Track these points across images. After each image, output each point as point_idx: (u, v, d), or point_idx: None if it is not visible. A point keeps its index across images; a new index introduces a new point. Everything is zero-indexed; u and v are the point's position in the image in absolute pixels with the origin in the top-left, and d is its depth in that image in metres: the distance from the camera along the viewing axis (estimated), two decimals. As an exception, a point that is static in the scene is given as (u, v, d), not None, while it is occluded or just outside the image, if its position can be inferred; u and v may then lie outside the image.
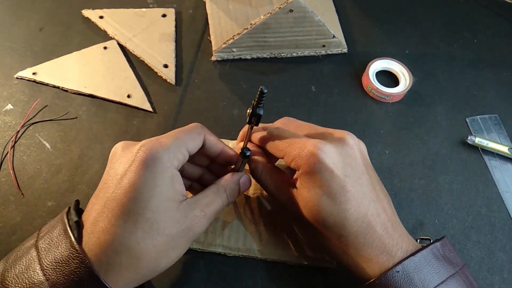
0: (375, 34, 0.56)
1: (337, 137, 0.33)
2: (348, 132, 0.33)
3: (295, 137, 0.33)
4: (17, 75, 0.49)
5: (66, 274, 0.26)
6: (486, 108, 0.50)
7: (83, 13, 0.55)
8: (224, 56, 0.51)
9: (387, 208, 0.32)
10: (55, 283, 0.26)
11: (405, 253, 0.30)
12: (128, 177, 0.28)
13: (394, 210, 0.33)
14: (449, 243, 0.32)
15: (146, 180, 0.28)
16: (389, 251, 0.30)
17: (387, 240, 0.30)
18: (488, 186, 0.44)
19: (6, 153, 0.43)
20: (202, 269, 0.37)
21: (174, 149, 0.30)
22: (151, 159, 0.28)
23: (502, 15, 0.59)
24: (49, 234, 0.28)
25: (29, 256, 0.27)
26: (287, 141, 0.33)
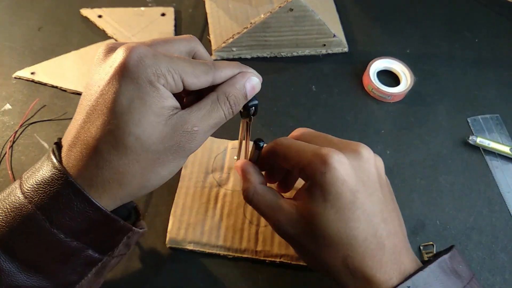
0: (375, 34, 0.56)
1: (352, 149, 0.30)
2: (364, 145, 0.31)
3: (306, 146, 0.30)
4: (15, 75, 0.48)
5: (50, 195, 0.24)
6: (487, 108, 0.50)
7: (82, 13, 0.54)
8: (224, 55, 0.51)
9: (398, 230, 0.30)
10: (39, 205, 0.24)
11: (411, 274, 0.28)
12: (109, 86, 0.25)
13: (405, 230, 0.31)
14: (458, 254, 0.30)
15: (127, 91, 0.25)
16: (396, 276, 0.28)
17: (395, 265, 0.28)
18: (489, 187, 0.44)
19: (4, 153, 0.43)
20: (201, 271, 0.37)
21: (165, 68, 0.25)
22: (134, 67, 0.25)
23: (503, 14, 0.59)
24: (34, 166, 0.27)
25: (12, 186, 0.26)
26: (297, 149, 0.30)
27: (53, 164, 0.25)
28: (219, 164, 0.42)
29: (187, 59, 0.27)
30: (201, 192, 0.40)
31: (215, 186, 0.41)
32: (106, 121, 0.25)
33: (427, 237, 0.40)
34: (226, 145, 0.44)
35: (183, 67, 0.26)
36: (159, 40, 0.28)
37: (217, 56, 0.51)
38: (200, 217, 0.39)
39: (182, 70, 0.26)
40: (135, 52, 0.25)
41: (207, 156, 0.42)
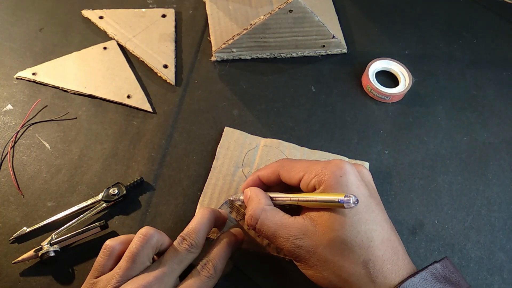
0: (374, 35, 0.56)
1: (353, 164, 0.32)
2: (362, 165, 0.34)
3: (312, 161, 0.33)
4: (17, 76, 0.49)
5: None
6: (486, 108, 0.50)
7: (83, 14, 0.55)
8: (224, 56, 0.51)
9: (399, 238, 0.31)
10: None
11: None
12: None
13: None
14: (450, 264, 0.31)
15: None
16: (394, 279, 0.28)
17: (401, 269, 0.29)
18: (488, 186, 0.44)
19: (6, 154, 0.43)
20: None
21: None
22: None
23: (502, 15, 0.59)
24: None
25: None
26: (303, 165, 0.33)
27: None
28: (250, 160, 0.43)
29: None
30: (229, 185, 0.41)
31: (244, 181, 0.41)
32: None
33: (426, 236, 0.41)
34: (258, 142, 0.44)
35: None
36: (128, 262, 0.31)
37: (217, 57, 0.51)
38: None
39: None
40: None
41: (239, 151, 0.43)
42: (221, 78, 0.51)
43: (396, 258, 0.29)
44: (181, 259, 0.31)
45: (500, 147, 0.47)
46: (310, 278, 0.32)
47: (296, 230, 0.31)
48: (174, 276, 0.31)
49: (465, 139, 0.47)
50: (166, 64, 0.50)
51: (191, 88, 0.49)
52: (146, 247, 0.31)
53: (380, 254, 0.28)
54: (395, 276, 0.28)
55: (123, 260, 0.30)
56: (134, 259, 0.30)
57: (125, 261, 0.30)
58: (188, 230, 0.33)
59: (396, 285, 0.28)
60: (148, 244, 0.31)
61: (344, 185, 0.29)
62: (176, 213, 0.40)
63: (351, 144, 0.46)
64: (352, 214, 0.29)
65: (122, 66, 0.50)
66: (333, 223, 0.29)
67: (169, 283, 0.30)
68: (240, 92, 0.49)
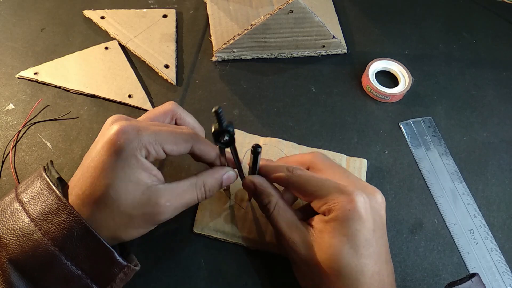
0: (374, 35, 0.56)
1: (369, 192, 0.33)
2: (379, 190, 0.34)
3: (327, 181, 0.32)
4: (18, 75, 0.49)
5: (57, 223, 0.28)
6: (485, 108, 0.50)
7: (84, 14, 0.55)
8: (225, 56, 0.52)
9: (392, 270, 0.32)
10: (47, 232, 0.28)
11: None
12: (99, 154, 0.30)
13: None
14: (479, 282, 0.32)
15: (111, 161, 0.29)
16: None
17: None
18: (487, 186, 0.44)
19: (8, 153, 0.43)
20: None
21: (146, 141, 0.30)
22: (119, 144, 0.29)
23: (501, 15, 0.60)
24: (30, 189, 0.30)
25: (12, 208, 0.29)
26: (318, 184, 0.32)
27: (58, 197, 0.29)
28: (250, 159, 0.43)
29: (170, 130, 0.32)
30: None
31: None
32: (93, 182, 0.29)
33: (425, 236, 0.41)
34: (257, 141, 0.45)
35: (164, 137, 0.31)
36: (148, 115, 0.34)
37: (218, 57, 0.52)
38: (227, 207, 0.40)
39: (163, 140, 0.31)
40: (122, 130, 0.30)
41: (239, 150, 0.43)
42: (221, 78, 0.51)
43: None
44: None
45: (500, 147, 0.47)
46: (298, 281, 0.34)
47: (299, 237, 0.32)
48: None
49: (465, 139, 0.48)
50: (167, 64, 0.51)
51: (192, 88, 0.50)
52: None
53: (365, 287, 0.30)
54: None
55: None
56: None
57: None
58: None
59: None
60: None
61: (350, 220, 0.30)
62: (177, 212, 0.41)
63: (351, 144, 0.46)
64: (349, 247, 0.30)
65: (123, 66, 0.50)
66: (329, 248, 0.30)
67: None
68: (240, 92, 0.50)
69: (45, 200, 0.29)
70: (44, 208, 0.29)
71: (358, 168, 0.44)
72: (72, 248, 0.28)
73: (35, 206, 0.29)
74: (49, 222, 0.28)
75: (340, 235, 0.30)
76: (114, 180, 0.29)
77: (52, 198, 0.29)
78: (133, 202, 0.30)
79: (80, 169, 0.31)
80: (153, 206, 0.30)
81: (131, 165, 0.29)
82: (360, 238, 0.30)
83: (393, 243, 0.40)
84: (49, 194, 0.29)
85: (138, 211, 0.30)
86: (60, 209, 0.28)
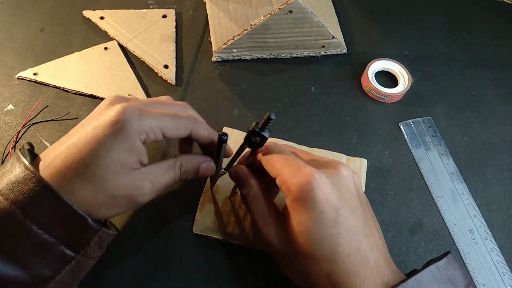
0: (374, 35, 0.56)
1: (332, 167, 0.31)
2: (343, 163, 0.32)
3: (292, 160, 0.31)
4: (18, 76, 0.49)
5: (24, 192, 0.27)
6: (485, 108, 0.50)
7: (84, 14, 0.55)
8: (224, 56, 0.52)
9: (379, 243, 0.31)
10: (14, 200, 0.27)
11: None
12: (94, 132, 0.29)
13: (385, 245, 0.32)
14: (453, 260, 0.30)
15: (106, 140, 0.29)
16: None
17: (378, 278, 0.29)
18: (487, 186, 0.44)
19: (7, 154, 0.43)
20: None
21: (148, 125, 0.30)
22: (120, 125, 0.29)
23: (501, 15, 0.60)
24: (3, 166, 0.30)
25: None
26: (283, 162, 0.31)
27: (26, 166, 0.28)
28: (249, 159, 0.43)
29: (171, 114, 0.32)
30: (229, 184, 0.41)
31: None
32: (81, 158, 0.29)
33: (425, 236, 0.41)
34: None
35: (165, 122, 0.31)
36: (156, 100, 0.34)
37: (217, 57, 0.52)
38: (227, 208, 0.40)
39: (164, 126, 0.31)
40: (124, 112, 0.29)
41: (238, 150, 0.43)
42: (221, 78, 0.51)
43: (364, 268, 0.28)
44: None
45: (500, 147, 0.47)
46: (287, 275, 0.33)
47: (272, 230, 0.32)
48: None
49: (465, 139, 0.47)
50: (167, 64, 0.51)
51: (191, 88, 0.50)
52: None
53: (344, 267, 0.28)
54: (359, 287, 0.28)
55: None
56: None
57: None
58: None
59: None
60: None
61: (311, 201, 0.29)
62: (176, 212, 0.40)
63: (350, 144, 0.46)
64: (317, 230, 0.29)
65: (123, 66, 0.50)
66: (298, 236, 0.29)
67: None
68: (240, 92, 0.50)
69: (13, 171, 0.29)
70: (12, 178, 0.28)
71: (358, 168, 0.44)
72: (43, 216, 0.27)
73: (3, 178, 0.28)
74: (16, 191, 0.27)
75: (306, 220, 0.29)
76: (106, 160, 0.29)
77: (21, 168, 0.28)
78: (118, 183, 0.29)
79: (63, 143, 0.30)
80: (136, 188, 0.30)
81: (127, 148, 0.29)
82: (326, 219, 0.29)
83: (393, 243, 0.40)
84: (18, 164, 0.29)
85: (122, 192, 0.30)
86: (27, 177, 0.28)
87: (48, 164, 0.29)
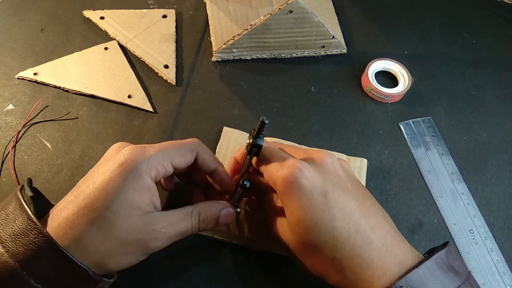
0: (374, 35, 0.56)
1: (316, 157, 0.32)
2: (327, 152, 0.33)
3: (275, 154, 0.32)
4: (18, 76, 0.49)
5: (25, 244, 0.27)
6: (485, 108, 0.50)
7: (84, 14, 0.55)
8: (224, 56, 0.52)
9: (382, 222, 0.30)
10: (15, 253, 0.27)
11: (408, 267, 0.27)
12: (102, 176, 0.29)
13: (393, 223, 0.31)
14: (453, 250, 0.30)
15: (115, 183, 0.29)
16: (391, 270, 0.27)
17: (388, 258, 0.28)
18: (487, 186, 0.44)
19: (7, 153, 0.43)
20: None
21: (155, 160, 0.30)
22: (128, 165, 0.29)
23: (501, 15, 0.60)
24: (4, 210, 0.29)
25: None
26: (269, 157, 0.32)
27: (28, 217, 0.28)
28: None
29: (174, 144, 0.32)
30: None
31: None
32: (89, 203, 0.28)
33: (425, 236, 0.41)
34: None
35: (171, 151, 0.31)
36: (168, 144, 0.33)
37: (217, 57, 0.52)
38: None
39: (171, 155, 0.31)
40: (131, 153, 0.30)
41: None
42: (221, 78, 0.51)
43: (369, 249, 0.28)
44: None
45: (499, 147, 0.47)
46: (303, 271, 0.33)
47: (277, 225, 0.32)
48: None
49: (465, 139, 0.48)
50: (167, 64, 0.51)
51: (191, 88, 0.50)
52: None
53: (347, 250, 0.28)
54: (366, 269, 0.27)
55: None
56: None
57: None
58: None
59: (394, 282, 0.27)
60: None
61: (296, 191, 0.29)
62: (176, 212, 0.41)
63: (350, 144, 0.46)
64: (309, 217, 0.28)
65: (123, 66, 0.50)
66: (294, 227, 0.29)
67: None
68: (240, 92, 0.50)
69: (16, 220, 0.28)
70: (14, 229, 0.27)
71: (358, 168, 0.44)
72: (42, 269, 0.27)
73: (5, 227, 0.28)
74: (17, 243, 0.27)
75: (296, 210, 0.29)
76: (115, 202, 0.28)
77: (23, 218, 0.28)
78: (128, 227, 0.29)
79: (72, 192, 0.30)
80: (148, 233, 0.30)
81: (136, 187, 0.29)
82: (316, 205, 0.28)
83: (393, 243, 0.40)
84: (20, 213, 0.28)
85: (132, 237, 0.29)
86: (29, 228, 0.27)
87: (57, 214, 0.29)
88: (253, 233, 0.39)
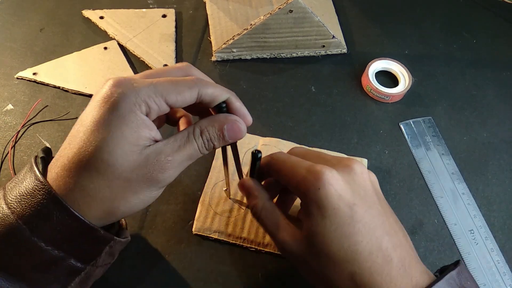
0: (374, 35, 0.56)
1: (345, 164, 0.30)
2: (357, 160, 0.31)
3: (299, 162, 0.30)
4: (17, 75, 0.49)
5: (32, 205, 0.25)
6: (485, 108, 0.50)
7: (83, 14, 0.55)
8: (224, 56, 0.52)
9: (403, 241, 0.29)
10: (21, 215, 0.25)
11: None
12: (90, 114, 0.26)
13: (411, 243, 0.30)
14: (465, 269, 0.29)
15: (104, 120, 0.26)
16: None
17: (405, 279, 0.27)
18: (487, 186, 0.44)
19: (7, 153, 0.43)
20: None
21: (145, 94, 0.26)
22: (114, 98, 0.26)
23: (501, 15, 0.60)
24: (17, 176, 0.27)
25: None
26: (291, 165, 0.30)
27: (36, 176, 0.26)
28: (249, 159, 0.42)
29: (169, 79, 0.28)
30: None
31: None
32: (82, 146, 0.26)
33: (425, 236, 0.41)
34: (257, 141, 0.44)
35: (164, 87, 0.27)
36: (153, 71, 0.29)
37: (217, 57, 0.51)
38: (227, 208, 0.40)
39: (163, 91, 0.27)
40: (115, 84, 0.26)
41: (238, 150, 0.43)
42: (221, 78, 0.51)
43: (389, 267, 0.27)
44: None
45: (500, 147, 0.47)
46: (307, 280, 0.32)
47: (288, 235, 0.30)
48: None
49: (465, 139, 0.47)
50: (167, 64, 0.51)
51: (191, 88, 0.50)
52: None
53: (367, 266, 0.27)
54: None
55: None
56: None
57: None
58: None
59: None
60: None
61: (323, 199, 0.28)
62: (176, 212, 0.40)
63: (350, 144, 0.46)
64: (334, 229, 0.27)
65: (122, 66, 0.50)
66: (315, 237, 0.28)
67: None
68: (240, 92, 0.49)
69: (24, 181, 0.26)
70: (21, 190, 0.26)
71: (358, 168, 0.43)
72: (52, 231, 0.25)
73: (13, 189, 0.26)
74: (23, 204, 0.25)
75: (321, 219, 0.28)
76: (108, 140, 0.25)
77: (31, 178, 0.26)
78: (130, 164, 0.26)
79: (66, 141, 0.27)
80: (153, 165, 0.27)
81: (128, 122, 0.26)
82: (341, 216, 0.27)
83: (393, 243, 0.40)
84: (29, 174, 0.26)
85: (137, 173, 0.26)
86: (36, 189, 0.25)
87: (55, 165, 0.27)
88: (253, 233, 0.39)
